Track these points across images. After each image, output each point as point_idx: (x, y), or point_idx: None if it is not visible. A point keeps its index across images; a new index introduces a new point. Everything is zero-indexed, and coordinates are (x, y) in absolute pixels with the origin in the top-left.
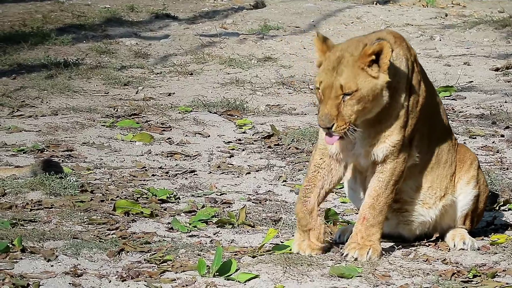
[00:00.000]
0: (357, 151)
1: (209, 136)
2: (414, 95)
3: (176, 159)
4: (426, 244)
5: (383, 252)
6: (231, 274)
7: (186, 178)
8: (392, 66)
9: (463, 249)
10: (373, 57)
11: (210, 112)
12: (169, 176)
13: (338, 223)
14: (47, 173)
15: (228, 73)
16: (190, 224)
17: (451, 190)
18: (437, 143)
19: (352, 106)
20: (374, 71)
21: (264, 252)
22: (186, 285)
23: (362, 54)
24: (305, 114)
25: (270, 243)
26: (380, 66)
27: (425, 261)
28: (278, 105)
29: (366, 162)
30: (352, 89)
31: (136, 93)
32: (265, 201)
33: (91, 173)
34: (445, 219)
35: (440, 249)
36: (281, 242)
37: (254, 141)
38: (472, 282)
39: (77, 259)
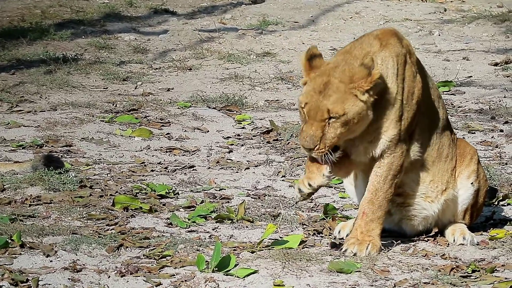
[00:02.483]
0: (358, 150)
1: (208, 131)
2: (408, 87)
3: (175, 155)
4: (425, 239)
5: (382, 248)
6: (230, 270)
7: (185, 173)
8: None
9: (463, 244)
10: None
11: (209, 108)
12: (168, 171)
13: (337, 219)
14: (48, 169)
15: (227, 69)
16: (189, 219)
17: (452, 185)
18: (438, 137)
19: (336, 129)
20: (365, 96)
21: (263, 247)
22: (185, 281)
23: (350, 80)
24: None
25: (269, 239)
26: (368, 90)
27: (424, 256)
28: (277, 100)
29: (365, 158)
30: (339, 114)
31: (135, 88)
32: (264, 196)
33: (90, 168)
34: (447, 214)
35: (439, 244)
36: (280, 237)
37: (253, 136)
38: (471, 277)
39: (76, 255)
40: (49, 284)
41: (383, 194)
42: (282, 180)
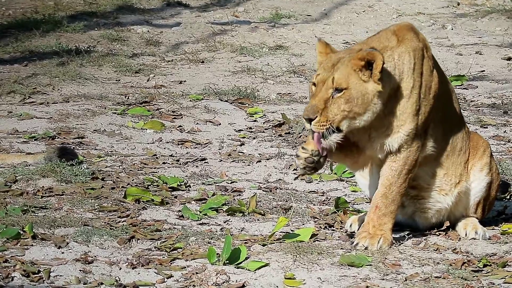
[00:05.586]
0: (375, 144)
1: (220, 124)
2: (425, 81)
3: (187, 147)
4: (437, 233)
5: (394, 242)
6: (241, 262)
7: (196, 166)
8: (395, 66)
9: (475, 239)
10: (363, 63)
11: (221, 100)
12: (180, 164)
13: (348, 212)
14: (62, 160)
15: (240, 61)
16: (200, 212)
17: (465, 177)
18: (452, 130)
19: (339, 105)
20: (365, 75)
21: (274, 240)
22: (196, 273)
23: (354, 57)
24: None
25: (281, 232)
26: (372, 74)
27: (436, 250)
28: (289, 93)
29: (381, 152)
30: (342, 86)
31: (147, 80)
32: (276, 189)
33: (102, 160)
34: (459, 206)
35: (450, 239)
36: (292, 230)
37: (265, 129)
38: (483, 272)
39: (88, 246)
40: (61, 276)
41: (397, 189)
42: (294, 174)
